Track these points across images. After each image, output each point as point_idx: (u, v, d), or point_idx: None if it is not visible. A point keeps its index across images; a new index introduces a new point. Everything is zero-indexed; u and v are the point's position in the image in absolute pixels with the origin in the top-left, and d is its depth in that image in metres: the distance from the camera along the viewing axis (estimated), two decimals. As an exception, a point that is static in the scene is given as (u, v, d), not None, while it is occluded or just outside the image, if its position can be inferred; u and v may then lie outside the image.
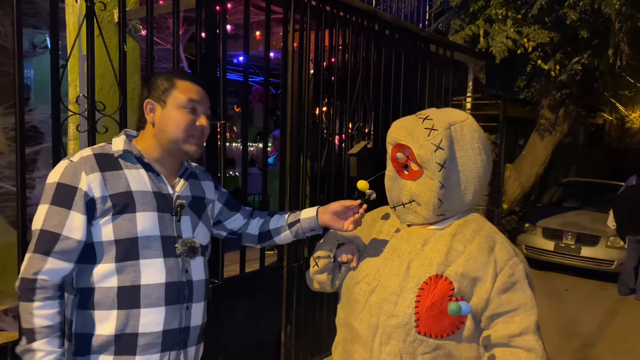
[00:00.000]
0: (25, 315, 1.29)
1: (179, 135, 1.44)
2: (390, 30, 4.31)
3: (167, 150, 1.46)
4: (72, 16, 2.90)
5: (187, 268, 1.45)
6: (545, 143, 7.21)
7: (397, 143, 1.40)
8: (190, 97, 1.45)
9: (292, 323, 3.48)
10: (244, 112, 3.45)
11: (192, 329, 1.48)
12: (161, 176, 1.46)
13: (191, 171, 1.57)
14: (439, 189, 1.34)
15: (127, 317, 1.36)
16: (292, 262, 3.47)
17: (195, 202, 1.53)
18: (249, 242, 1.76)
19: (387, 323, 1.34)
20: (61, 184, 1.34)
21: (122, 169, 1.40)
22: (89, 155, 1.39)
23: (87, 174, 1.35)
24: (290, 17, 3.40)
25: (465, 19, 6.13)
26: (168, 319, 1.40)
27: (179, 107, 1.44)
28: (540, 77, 6.66)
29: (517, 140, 10.30)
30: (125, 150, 1.42)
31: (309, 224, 1.63)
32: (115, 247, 1.35)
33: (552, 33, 5.52)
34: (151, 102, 1.46)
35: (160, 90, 1.45)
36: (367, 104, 4.10)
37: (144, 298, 1.37)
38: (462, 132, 1.36)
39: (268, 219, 1.72)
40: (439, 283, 1.31)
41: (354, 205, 1.52)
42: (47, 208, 1.33)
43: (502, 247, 1.36)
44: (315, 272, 1.54)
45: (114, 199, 1.35)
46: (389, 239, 1.46)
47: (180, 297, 1.43)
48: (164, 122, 1.44)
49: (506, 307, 1.31)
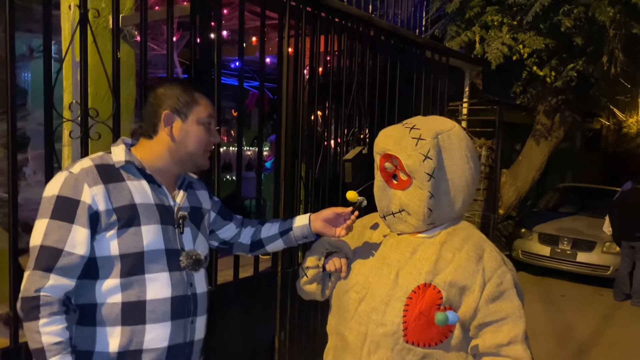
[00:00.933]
0: (32, 335, 1.24)
1: (198, 150, 1.45)
2: (386, 37, 4.33)
3: (179, 163, 1.45)
4: (67, 22, 2.90)
5: (192, 281, 1.43)
6: (542, 148, 7.23)
7: (385, 153, 1.40)
8: (209, 112, 1.47)
9: (286, 329, 3.47)
10: (240, 117, 3.45)
11: (196, 343, 1.47)
12: (162, 188, 1.43)
13: (189, 181, 1.56)
14: (429, 199, 1.35)
15: (132, 334, 1.32)
16: (286, 268, 3.46)
17: (194, 213, 1.51)
18: (240, 251, 1.75)
19: (376, 332, 1.34)
20: (61, 196, 1.29)
21: (124, 181, 1.36)
22: (89, 167, 1.34)
23: (90, 186, 1.30)
24: (286, 23, 3.41)
25: (462, 25, 6.15)
26: (173, 334, 1.38)
27: (199, 122, 1.44)
28: (536, 83, 6.69)
29: (514, 146, 10.32)
30: (127, 161, 1.38)
31: (301, 231, 1.62)
32: (120, 262, 1.32)
33: (547, 40, 5.55)
34: (170, 114, 1.42)
35: (180, 103, 1.43)
36: (363, 109, 4.11)
37: (150, 313, 1.34)
38: (449, 141, 1.36)
39: (259, 228, 1.70)
40: (427, 292, 1.31)
41: (346, 212, 1.52)
42: (47, 223, 1.27)
43: (490, 255, 1.36)
44: (305, 282, 1.54)
45: (118, 213, 1.31)
46: (378, 247, 1.46)
47: (186, 311, 1.41)
48: (184, 136, 1.43)
49: (494, 316, 1.31)
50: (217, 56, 2.96)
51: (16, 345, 2.12)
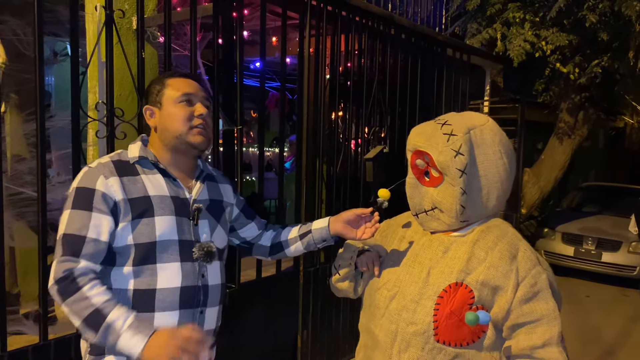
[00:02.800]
0: (79, 305, 1.25)
1: (180, 128, 1.44)
2: (406, 35, 4.30)
3: (175, 149, 1.47)
4: (92, 24, 2.94)
5: (204, 272, 1.45)
6: (564, 147, 7.11)
7: (417, 150, 1.38)
8: (183, 91, 1.46)
9: (308, 328, 3.47)
10: (260, 117, 3.47)
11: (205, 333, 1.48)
12: (177, 181, 1.46)
13: (207, 173, 1.57)
14: (461, 195, 1.32)
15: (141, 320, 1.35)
16: (308, 267, 3.46)
17: (213, 205, 1.53)
18: (259, 254, 1.74)
19: (406, 330, 1.32)
20: (80, 187, 1.37)
21: (139, 175, 1.42)
22: (106, 162, 1.42)
23: (106, 178, 1.36)
24: (307, 23, 3.40)
25: (482, 23, 6.08)
26: (181, 323, 1.40)
27: (174, 103, 1.45)
28: (559, 81, 6.58)
29: (536, 145, 10.18)
30: (140, 157, 1.44)
31: (320, 234, 1.61)
32: (134, 251, 1.36)
33: (571, 36, 5.44)
34: (149, 108, 1.49)
35: (154, 94, 1.48)
36: (383, 108, 4.09)
37: (159, 302, 1.37)
38: (482, 136, 1.33)
39: (280, 231, 1.71)
40: (459, 291, 1.29)
41: (366, 214, 1.51)
42: (69, 213, 1.34)
43: (524, 255, 1.33)
44: (337, 280, 1.53)
45: (132, 203, 1.36)
46: (410, 246, 1.44)
47: (195, 302, 1.43)
48: (163, 121, 1.46)
49: (528, 317, 1.28)
50: (240, 57, 2.97)
51: (46, 342, 2.15)
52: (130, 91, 2.79)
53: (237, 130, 2.96)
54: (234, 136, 2.97)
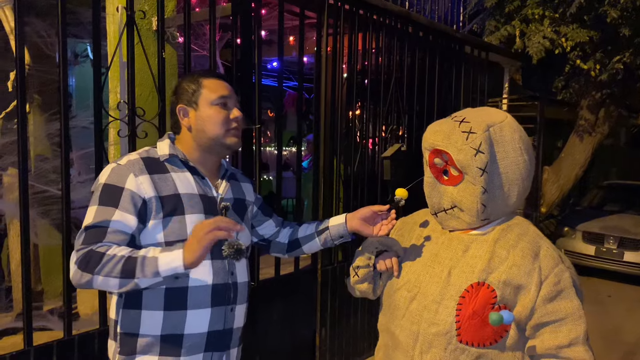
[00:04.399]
0: (109, 266, 1.23)
1: (218, 132, 1.45)
2: (424, 33, 4.28)
3: (208, 150, 1.48)
4: (113, 25, 2.98)
5: (233, 270, 1.47)
6: (585, 145, 7.00)
7: (434, 148, 1.36)
8: (220, 93, 1.47)
9: (326, 326, 3.48)
10: (277, 117, 3.48)
11: (235, 331, 1.50)
12: (206, 179, 1.48)
13: (231, 172, 1.59)
14: (482, 194, 1.30)
15: (174, 318, 1.37)
16: (326, 266, 3.47)
17: (237, 204, 1.55)
18: (277, 251, 1.75)
19: (428, 331, 1.31)
20: (107, 184, 1.36)
21: (169, 172, 1.42)
22: (136, 159, 1.41)
23: (136, 176, 1.36)
24: (324, 22, 3.41)
25: (501, 20, 6.01)
26: (213, 320, 1.41)
27: (211, 105, 1.46)
28: (579, 77, 6.47)
29: (555, 143, 10.04)
30: (171, 155, 1.44)
31: (337, 231, 1.62)
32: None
33: (592, 32, 5.35)
34: (183, 107, 1.48)
35: (189, 94, 1.47)
36: (401, 106, 4.08)
37: (191, 299, 1.38)
38: (501, 134, 1.31)
39: (297, 228, 1.72)
40: (481, 291, 1.27)
41: (383, 211, 1.51)
42: (95, 209, 1.34)
43: (547, 253, 1.32)
44: (356, 282, 1.52)
45: (164, 201, 1.37)
46: (429, 245, 1.43)
47: (226, 299, 1.44)
48: (200, 123, 1.46)
49: (552, 316, 1.27)
50: (258, 56, 2.98)
51: (70, 337, 2.19)
52: (150, 91, 2.83)
53: (255, 130, 2.98)
54: (252, 135, 2.99)
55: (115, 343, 1.42)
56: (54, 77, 2.17)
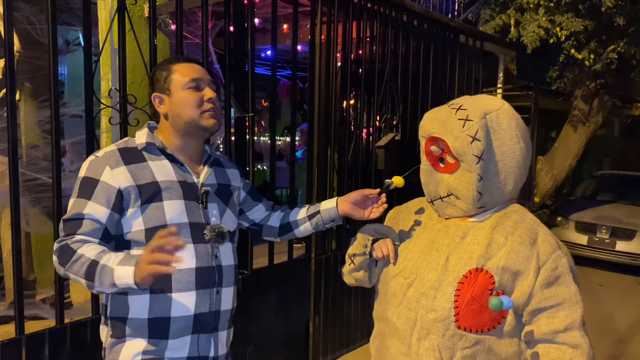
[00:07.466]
0: (76, 265, 1.29)
1: (193, 114, 1.46)
2: (418, 21, 4.25)
3: (186, 134, 1.49)
4: (104, 12, 2.95)
5: (217, 253, 1.48)
6: (579, 135, 7.02)
7: (431, 136, 1.35)
8: (191, 76, 1.48)
9: (320, 314, 3.49)
10: (271, 106, 3.46)
11: (223, 313, 1.51)
12: (185, 166, 1.49)
13: (215, 159, 1.59)
14: (478, 182, 1.30)
15: (160, 302, 1.39)
16: (319, 254, 3.47)
17: (221, 190, 1.55)
18: (269, 235, 1.76)
19: (426, 317, 1.31)
20: (85, 177, 1.40)
21: (146, 161, 1.44)
22: (112, 150, 1.44)
23: (112, 168, 1.39)
24: (318, 10, 3.38)
25: (496, 9, 5.99)
26: (199, 303, 1.43)
27: (183, 89, 1.47)
28: (574, 67, 6.48)
29: (549, 133, 10.06)
30: (148, 143, 1.46)
31: (329, 214, 1.64)
32: (145, 235, 1.38)
33: (587, 21, 5.34)
34: (158, 95, 1.49)
35: (161, 81, 1.49)
36: (395, 95, 4.06)
37: (175, 283, 1.40)
38: (498, 121, 1.30)
39: (288, 212, 1.73)
40: (479, 277, 1.28)
41: (373, 195, 1.54)
42: (73, 201, 1.39)
43: (544, 239, 1.32)
44: (352, 270, 1.51)
45: (141, 189, 1.39)
46: (425, 232, 1.43)
47: (211, 282, 1.46)
48: (174, 108, 1.47)
49: (550, 301, 1.27)
50: (251, 44, 2.96)
51: (62, 325, 2.19)
52: (142, 78, 2.81)
53: (249, 118, 2.97)
54: (245, 124, 2.97)
55: (107, 327, 1.45)
56: (45, 64, 2.14)
